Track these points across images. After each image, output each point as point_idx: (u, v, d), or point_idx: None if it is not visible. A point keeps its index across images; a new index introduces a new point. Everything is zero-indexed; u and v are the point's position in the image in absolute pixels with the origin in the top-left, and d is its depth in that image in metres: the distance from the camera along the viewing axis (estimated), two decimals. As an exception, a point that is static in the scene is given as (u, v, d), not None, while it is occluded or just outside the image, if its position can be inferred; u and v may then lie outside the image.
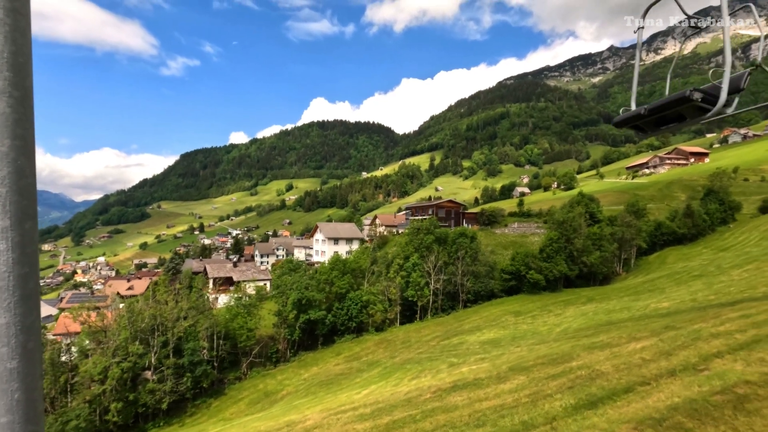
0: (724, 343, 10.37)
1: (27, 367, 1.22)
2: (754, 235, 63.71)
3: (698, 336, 11.55)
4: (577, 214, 60.01)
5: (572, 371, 11.37)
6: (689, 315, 18.17)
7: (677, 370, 9.46)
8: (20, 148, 1.20)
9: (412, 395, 14.28)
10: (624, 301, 45.37)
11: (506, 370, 13.94)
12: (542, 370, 12.45)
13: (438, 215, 78.11)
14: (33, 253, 1.24)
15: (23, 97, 1.21)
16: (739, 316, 12.82)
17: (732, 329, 11.38)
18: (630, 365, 10.56)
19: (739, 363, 9.03)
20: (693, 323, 13.74)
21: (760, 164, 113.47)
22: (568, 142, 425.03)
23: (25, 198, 1.23)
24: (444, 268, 56.11)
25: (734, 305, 22.59)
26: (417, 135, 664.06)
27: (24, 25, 1.20)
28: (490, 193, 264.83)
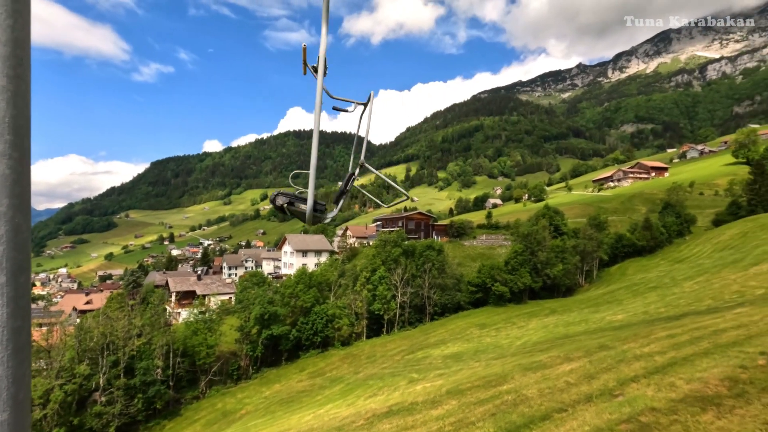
0: (644, 366, 10.52)
1: (17, 418, 1.21)
2: (707, 247, 66.59)
3: (623, 357, 11.71)
4: (541, 227, 61.30)
5: (500, 395, 11.29)
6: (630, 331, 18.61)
7: (594, 396, 9.50)
8: (17, 206, 1.23)
9: (346, 421, 13.91)
10: (584, 313, 46.35)
11: (444, 394, 13.78)
12: (474, 394, 12.34)
13: (408, 227, 78.37)
14: (26, 305, 1.27)
15: (21, 157, 1.24)
16: (666, 336, 13.12)
17: (655, 350, 11.60)
18: (554, 390, 10.56)
19: (651, 388, 9.15)
20: (625, 342, 13.98)
21: (714, 179, 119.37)
22: (540, 155, 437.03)
23: (20, 253, 1.25)
24: (411, 281, 56.04)
25: (676, 320, 23.32)
26: (393, 146, 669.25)
27: (25, 90, 1.25)
28: (464, 204, 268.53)
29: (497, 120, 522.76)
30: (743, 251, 54.73)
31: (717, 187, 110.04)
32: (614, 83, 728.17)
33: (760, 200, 77.39)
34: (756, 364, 8.91)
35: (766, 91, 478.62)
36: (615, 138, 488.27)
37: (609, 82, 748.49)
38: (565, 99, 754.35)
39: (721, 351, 10.13)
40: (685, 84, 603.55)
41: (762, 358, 9.14)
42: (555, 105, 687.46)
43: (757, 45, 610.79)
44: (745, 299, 28.32)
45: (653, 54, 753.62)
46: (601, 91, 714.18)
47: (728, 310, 18.19)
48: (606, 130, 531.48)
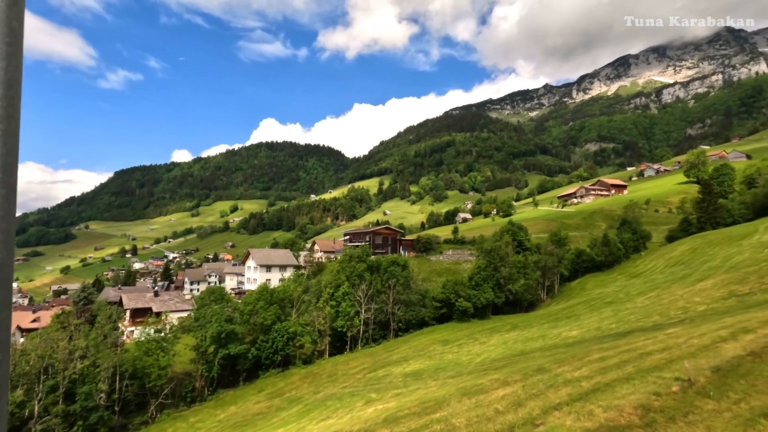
0: (569, 392, 10.53)
1: None
2: (661, 262, 69.49)
3: (554, 383, 11.72)
4: (504, 243, 62.38)
5: (431, 425, 11.03)
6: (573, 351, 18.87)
7: (517, 426, 9.38)
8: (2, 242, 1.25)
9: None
10: (543, 328, 47.11)
11: (380, 422, 13.38)
12: (407, 423, 12.02)
13: (375, 242, 78.09)
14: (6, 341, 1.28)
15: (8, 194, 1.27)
16: (599, 358, 13.29)
17: (584, 375, 11.68)
18: (482, 419, 10.39)
19: (571, 417, 9.11)
20: (562, 365, 14.08)
21: (668, 197, 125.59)
22: (509, 170, 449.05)
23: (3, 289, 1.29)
24: (376, 297, 55.54)
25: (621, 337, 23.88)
26: (367, 159, 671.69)
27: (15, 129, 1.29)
28: (436, 218, 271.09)
29: (468, 136, 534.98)
30: (692, 267, 57.38)
31: (671, 205, 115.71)
32: (578, 104, 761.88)
33: (708, 218, 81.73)
34: (669, 391, 9.02)
35: (715, 115, 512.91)
36: (579, 156, 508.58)
37: (574, 103, 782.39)
38: (532, 117, 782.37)
39: (641, 376, 10.26)
40: (643, 106, 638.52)
41: (676, 385, 9.27)
42: (523, 123, 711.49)
43: (706, 72, 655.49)
44: (687, 315, 29.45)
45: (614, 77, 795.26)
46: (566, 110, 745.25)
47: (665, 329, 18.75)
48: (571, 148, 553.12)
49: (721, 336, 11.82)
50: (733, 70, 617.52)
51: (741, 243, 59.14)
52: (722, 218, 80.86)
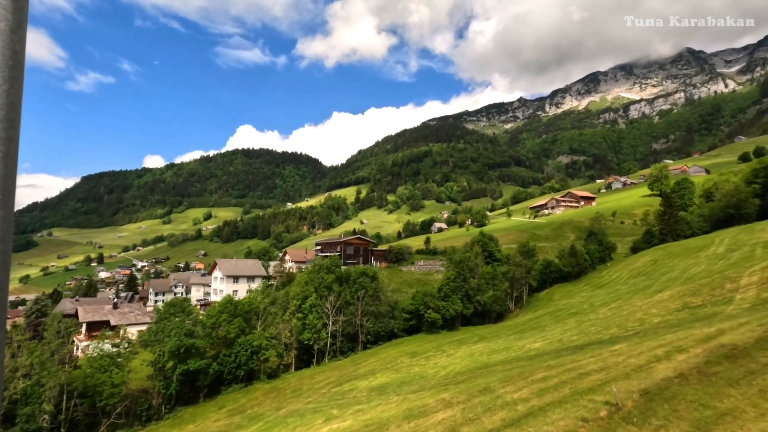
0: (504, 416, 10.29)
1: None
2: (624, 273, 71.42)
3: (493, 405, 11.48)
4: (474, 254, 62.82)
5: (364, 453, 10.55)
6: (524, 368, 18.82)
7: (446, 455, 9.05)
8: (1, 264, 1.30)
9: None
10: (510, 339, 47.38)
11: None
12: (342, 451, 11.50)
13: (346, 252, 77.37)
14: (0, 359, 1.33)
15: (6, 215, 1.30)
16: (542, 378, 13.17)
17: (523, 396, 11.50)
18: (414, 446, 10.01)
19: (500, 445, 8.85)
20: (506, 384, 13.89)
21: (633, 209, 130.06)
22: (484, 181, 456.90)
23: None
24: (344, 309, 54.72)
25: (575, 352, 24.06)
26: (344, 168, 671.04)
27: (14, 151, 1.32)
28: (412, 228, 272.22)
29: (445, 147, 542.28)
30: (653, 278, 59.11)
31: (635, 217, 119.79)
32: (551, 117, 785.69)
33: (669, 230, 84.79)
34: (597, 416, 8.87)
35: (678, 131, 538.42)
36: (552, 167, 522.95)
37: (546, 116, 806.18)
38: (507, 129, 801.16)
39: (575, 399, 10.13)
40: (612, 121, 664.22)
41: (604, 409, 9.14)
42: (498, 135, 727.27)
43: (670, 90, 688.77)
44: (642, 328, 30.07)
45: (584, 93, 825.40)
46: (539, 123, 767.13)
47: (614, 344, 18.93)
48: (544, 160, 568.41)
49: (657, 355, 11.86)
50: (694, 89, 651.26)
51: (698, 255, 61.30)
52: (682, 230, 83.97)
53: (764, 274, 32.76)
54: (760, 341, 10.89)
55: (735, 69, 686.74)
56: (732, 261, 48.98)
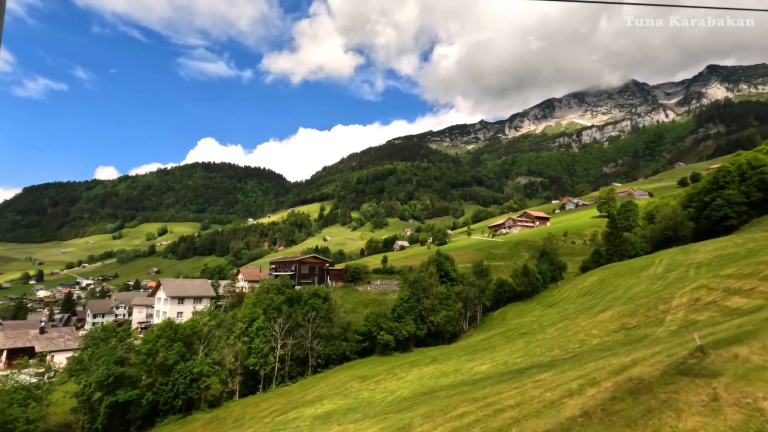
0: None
1: None
2: (573, 292, 73.60)
3: (403, 447, 10.76)
4: (428, 273, 62.74)
5: None
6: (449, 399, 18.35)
7: None
8: None
9: None
10: (461, 360, 47.07)
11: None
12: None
13: (301, 271, 75.33)
14: None
15: None
16: (460, 414, 12.63)
17: (435, 437, 10.87)
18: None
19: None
20: (426, 421, 13.25)
21: (584, 229, 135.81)
22: (447, 200, 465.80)
23: None
24: (294, 331, 52.70)
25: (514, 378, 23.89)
26: (309, 184, 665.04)
27: None
28: (375, 245, 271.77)
29: (409, 165, 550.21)
30: (599, 297, 61.10)
31: (585, 237, 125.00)
32: (511, 140, 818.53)
33: (615, 250, 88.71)
34: (496, 464, 8.31)
35: (626, 156, 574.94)
36: (511, 188, 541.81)
37: (506, 139, 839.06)
38: (469, 150, 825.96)
39: (481, 442, 9.58)
40: (566, 145, 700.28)
41: (505, 455, 8.59)
42: (461, 155, 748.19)
43: (618, 118, 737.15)
44: (581, 350, 30.53)
45: (541, 118, 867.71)
46: (500, 145, 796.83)
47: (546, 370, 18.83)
48: (504, 180, 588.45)
49: (571, 389, 11.61)
50: (638, 118, 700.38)
51: (640, 275, 64.07)
52: (627, 251, 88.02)
53: (693, 296, 34.37)
54: (664, 375, 10.81)
55: (674, 101, 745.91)
56: (669, 281, 51.38)
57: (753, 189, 78.70)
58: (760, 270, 33.20)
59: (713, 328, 20.13)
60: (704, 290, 34.49)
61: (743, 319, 19.71)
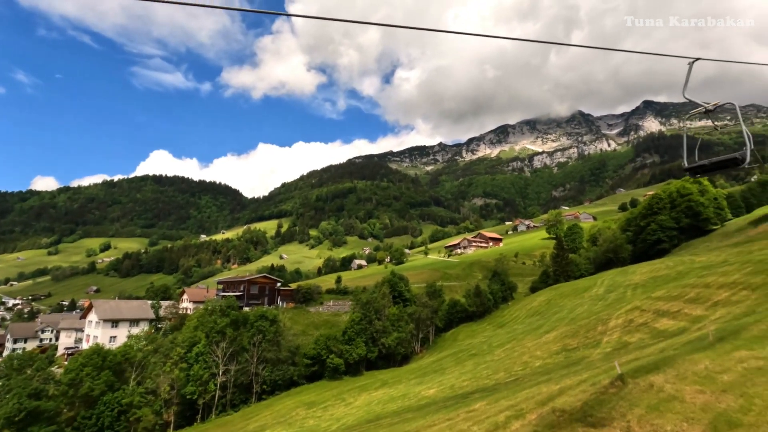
0: None
1: None
2: (523, 312, 75.45)
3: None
4: (381, 294, 62.14)
5: None
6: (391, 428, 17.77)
7: None
8: None
9: None
10: (411, 384, 46.38)
11: None
12: None
13: (250, 292, 72.32)
14: None
15: None
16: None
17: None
18: None
19: None
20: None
21: (534, 250, 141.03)
22: (406, 219, 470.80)
23: None
24: (238, 356, 50.02)
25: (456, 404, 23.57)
26: (267, 200, 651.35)
27: None
28: (332, 264, 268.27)
29: (369, 184, 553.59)
30: (545, 317, 62.88)
31: (535, 258, 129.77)
32: (467, 162, 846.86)
33: (562, 271, 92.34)
34: None
35: (573, 181, 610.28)
36: (468, 209, 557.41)
37: (464, 161, 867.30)
38: (428, 171, 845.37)
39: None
40: (519, 169, 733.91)
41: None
42: (420, 176, 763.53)
43: (566, 145, 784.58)
44: (524, 372, 30.89)
45: (496, 142, 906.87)
46: (457, 167, 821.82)
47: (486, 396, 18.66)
48: (461, 201, 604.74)
49: (498, 422, 11.36)
50: (584, 146, 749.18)
51: (583, 295, 66.72)
52: (572, 272, 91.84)
53: (627, 317, 36.04)
54: (585, 406, 10.77)
55: (615, 132, 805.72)
56: (608, 302, 53.77)
57: (682, 215, 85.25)
58: (685, 293, 35.47)
59: (640, 351, 20.94)
60: (637, 312, 36.28)
61: (667, 343, 20.68)
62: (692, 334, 21.23)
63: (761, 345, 13.38)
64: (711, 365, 11.96)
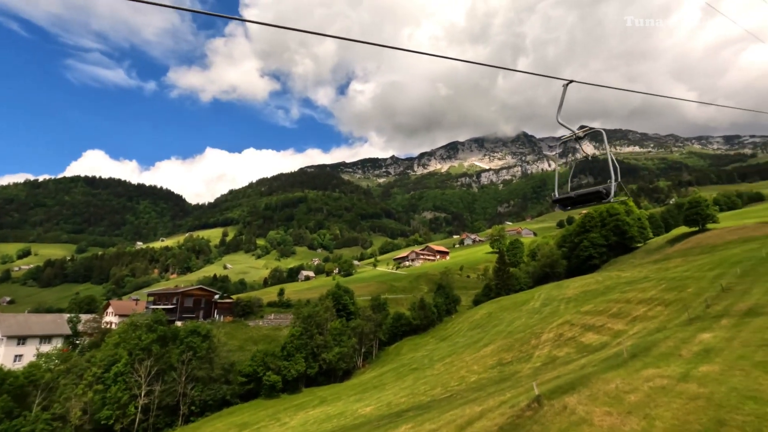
0: None
1: None
2: (465, 325, 76.82)
3: None
4: (324, 308, 60.60)
5: None
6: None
7: None
8: None
9: None
10: (350, 401, 45.15)
11: None
12: None
13: (184, 305, 67.65)
14: None
15: None
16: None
17: None
18: None
19: None
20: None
21: (479, 264, 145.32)
22: (357, 230, 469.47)
23: None
24: (164, 375, 46.28)
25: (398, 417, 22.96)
26: (212, 207, 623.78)
27: None
28: (279, 275, 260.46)
29: (321, 194, 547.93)
30: (485, 330, 64.28)
31: (479, 271, 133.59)
32: (419, 176, 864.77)
33: (503, 285, 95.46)
34: None
35: (517, 198, 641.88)
36: (418, 221, 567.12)
37: (415, 175, 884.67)
38: (381, 183, 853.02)
39: None
40: (467, 185, 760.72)
41: None
42: (372, 187, 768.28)
43: (511, 164, 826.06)
44: (458, 388, 30.96)
45: (446, 158, 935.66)
46: (409, 181, 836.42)
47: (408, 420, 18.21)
48: (411, 214, 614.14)
49: (414, 450, 10.80)
50: (527, 165, 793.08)
51: (522, 308, 69.14)
52: (513, 285, 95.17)
53: (558, 331, 37.55)
54: (500, 431, 10.46)
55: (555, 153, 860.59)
56: (543, 315, 55.95)
57: (611, 233, 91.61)
58: (609, 308, 37.66)
59: (564, 367, 21.61)
60: (567, 326, 37.92)
61: (588, 359, 21.53)
62: (612, 349, 22.19)
63: (666, 362, 14.05)
64: (621, 384, 12.28)
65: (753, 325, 16.85)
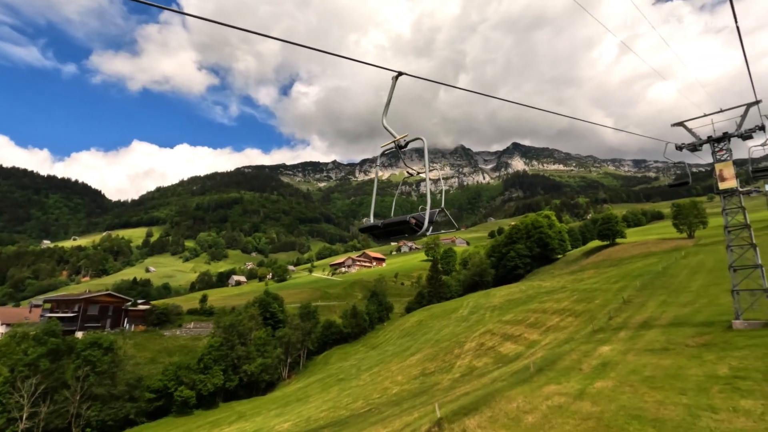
0: None
1: None
2: (395, 333, 76.91)
3: None
4: (248, 316, 57.38)
5: None
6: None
7: None
8: None
9: None
10: (270, 416, 42.75)
11: None
12: None
13: (88, 312, 60.49)
14: None
15: None
16: None
17: None
18: None
19: None
20: None
21: (413, 271, 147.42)
22: (294, 234, 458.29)
23: None
24: (54, 394, 40.71)
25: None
26: (136, 205, 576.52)
27: None
28: (208, 279, 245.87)
29: (258, 196, 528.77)
30: (415, 338, 64.65)
31: (413, 279, 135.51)
32: (360, 182, 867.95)
33: (435, 292, 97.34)
34: None
35: (453, 208, 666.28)
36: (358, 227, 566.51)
37: (356, 181, 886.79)
38: (321, 188, 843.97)
39: None
40: (407, 193, 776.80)
41: None
42: (312, 191, 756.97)
43: (448, 175, 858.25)
44: (378, 401, 30.28)
45: (388, 166, 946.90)
46: (350, 186, 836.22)
47: None
48: (351, 219, 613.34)
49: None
50: (464, 177, 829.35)
51: (451, 316, 70.52)
52: (444, 293, 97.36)
53: (480, 341, 38.43)
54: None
55: (489, 167, 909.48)
56: (470, 323, 57.38)
57: (534, 245, 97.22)
58: (527, 317, 39.31)
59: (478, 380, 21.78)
60: (488, 335, 38.96)
61: (502, 371, 21.89)
62: (523, 361, 22.72)
63: (567, 377, 14.30)
64: (522, 403, 12.15)
65: (645, 338, 17.87)
